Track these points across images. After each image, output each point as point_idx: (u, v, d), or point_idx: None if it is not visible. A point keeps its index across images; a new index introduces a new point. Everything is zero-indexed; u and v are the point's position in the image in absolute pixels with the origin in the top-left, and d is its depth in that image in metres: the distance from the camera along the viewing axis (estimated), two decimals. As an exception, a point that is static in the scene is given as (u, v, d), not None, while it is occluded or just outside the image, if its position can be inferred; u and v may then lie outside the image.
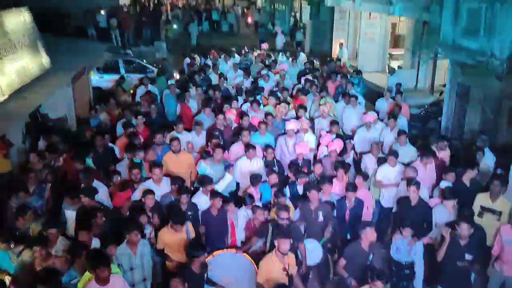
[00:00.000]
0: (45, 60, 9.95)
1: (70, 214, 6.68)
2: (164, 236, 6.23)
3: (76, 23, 22.58)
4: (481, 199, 6.80)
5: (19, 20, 9.26)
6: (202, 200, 6.96)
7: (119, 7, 26.44)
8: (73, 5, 23.01)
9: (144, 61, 16.82)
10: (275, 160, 8.30)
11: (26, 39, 9.32)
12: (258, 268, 5.77)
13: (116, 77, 14.39)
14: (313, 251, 6.48)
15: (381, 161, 8.03)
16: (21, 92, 8.46)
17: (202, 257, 5.53)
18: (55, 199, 7.16)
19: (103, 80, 14.15)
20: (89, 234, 5.95)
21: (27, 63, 9.08)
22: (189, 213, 6.72)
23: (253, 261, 6.10)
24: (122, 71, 15.38)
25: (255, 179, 7.29)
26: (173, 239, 6.20)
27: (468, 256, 5.84)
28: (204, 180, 7.10)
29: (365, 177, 7.59)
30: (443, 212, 6.66)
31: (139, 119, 9.44)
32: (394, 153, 7.89)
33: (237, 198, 7.26)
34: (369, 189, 7.88)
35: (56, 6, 22.74)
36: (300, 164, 8.03)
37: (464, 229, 5.75)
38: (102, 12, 23.50)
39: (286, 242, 5.53)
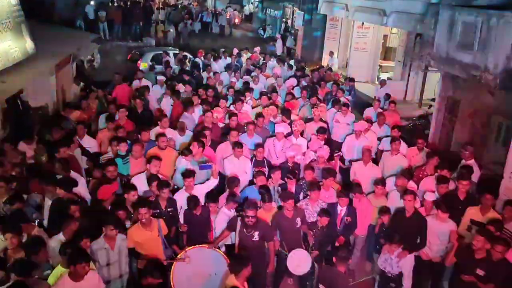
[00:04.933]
0: (29, 45, 9.56)
1: (48, 204, 6.34)
2: (133, 234, 5.88)
3: (65, 12, 22.11)
4: (472, 213, 6.66)
5: (3, 1, 8.86)
6: (184, 198, 6.69)
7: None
8: (63, -6, 22.60)
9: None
10: (265, 160, 8.05)
11: (10, 21, 8.92)
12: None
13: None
14: (301, 260, 6.19)
15: None
16: (1, 75, 8.08)
17: None
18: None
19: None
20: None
21: (10, 45, 8.69)
22: (169, 209, 6.52)
23: (224, 254, 6.05)
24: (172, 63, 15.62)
25: (232, 183, 6.99)
26: (143, 237, 5.89)
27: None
28: (186, 174, 6.84)
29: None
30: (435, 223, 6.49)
31: (121, 111, 9.13)
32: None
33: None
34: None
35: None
36: (291, 168, 7.81)
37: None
38: (92, 3, 23.06)
39: None
